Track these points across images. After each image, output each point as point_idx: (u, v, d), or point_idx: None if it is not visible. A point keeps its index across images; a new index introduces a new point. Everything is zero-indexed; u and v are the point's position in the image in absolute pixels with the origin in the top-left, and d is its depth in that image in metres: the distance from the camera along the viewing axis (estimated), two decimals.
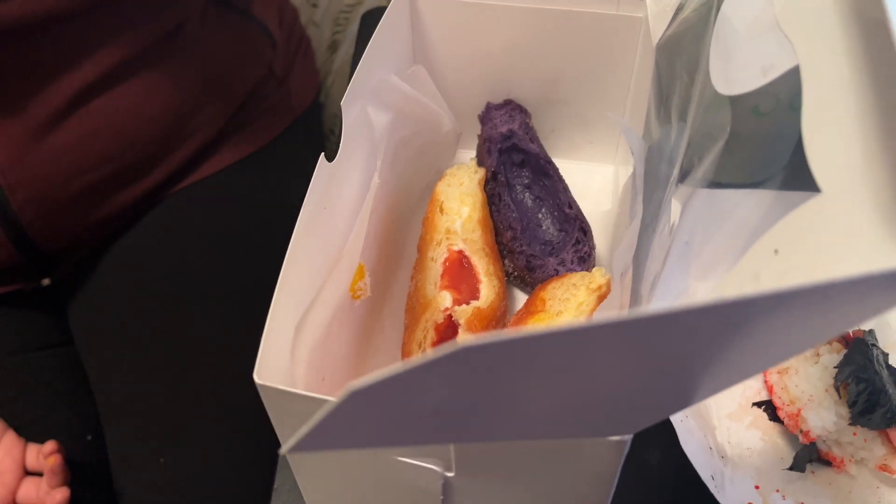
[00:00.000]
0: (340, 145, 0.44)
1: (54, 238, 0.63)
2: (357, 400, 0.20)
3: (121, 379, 0.63)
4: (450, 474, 0.35)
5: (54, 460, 0.54)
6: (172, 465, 0.58)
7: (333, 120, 1.00)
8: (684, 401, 0.27)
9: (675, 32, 0.44)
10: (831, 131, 0.25)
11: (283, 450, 0.23)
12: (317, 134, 0.86)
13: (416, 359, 0.18)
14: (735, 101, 0.52)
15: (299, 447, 0.23)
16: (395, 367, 0.19)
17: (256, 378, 0.32)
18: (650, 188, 0.48)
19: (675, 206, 0.42)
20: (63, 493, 0.53)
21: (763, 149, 0.57)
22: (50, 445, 0.55)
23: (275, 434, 0.50)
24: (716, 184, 0.51)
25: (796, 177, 0.55)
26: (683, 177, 0.41)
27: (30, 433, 0.59)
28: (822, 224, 0.24)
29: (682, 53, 0.43)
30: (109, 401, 0.63)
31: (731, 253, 0.53)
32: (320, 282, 0.39)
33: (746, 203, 0.48)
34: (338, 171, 0.43)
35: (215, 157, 0.70)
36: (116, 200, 0.65)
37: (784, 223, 0.26)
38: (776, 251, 0.26)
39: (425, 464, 0.35)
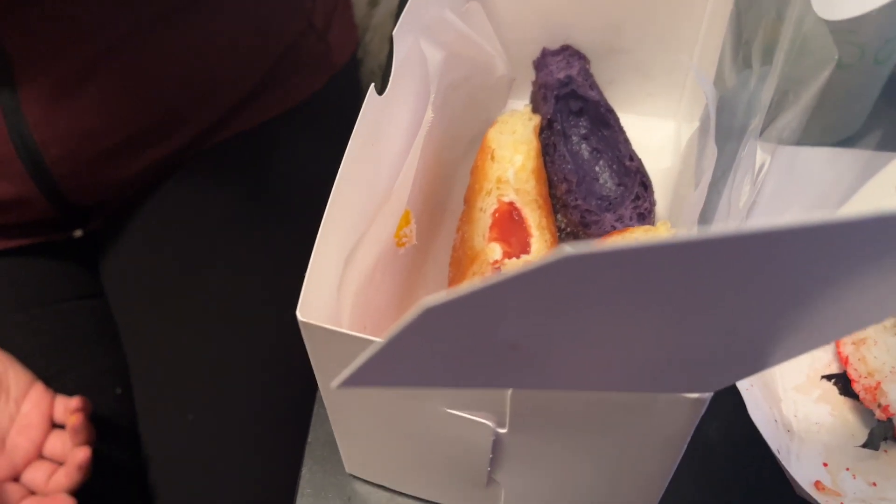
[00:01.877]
0: (391, 79, 0.41)
1: (86, 193, 0.63)
2: (431, 320, 0.17)
3: (150, 333, 0.63)
4: (502, 430, 0.33)
5: (77, 419, 0.53)
6: (199, 421, 0.57)
7: (371, 76, 0.98)
8: (765, 358, 0.24)
9: None
10: None
11: (336, 382, 0.20)
12: (356, 90, 0.84)
13: (509, 270, 0.15)
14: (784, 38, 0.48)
15: (356, 379, 0.20)
16: (479, 280, 0.16)
17: (300, 315, 0.30)
18: (722, 140, 0.44)
19: (759, 157, 0.38)
20: (84, 452, 0.52)
21: (845, 104, 0.52)
22: (75, 402, 0.54)
23: (308, 390, 0.48)
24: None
25: (871, 141, 0.51)
26: (768, 125, 0.38)
27: (59, 385, 0.58)
28: None
29: None
30: (138, 355, 0.63)
31: (800, 207, 0.49)
32: (366, 221, 0.36)
33: (838, 164, 0.44)
34: (388, 106, 0.40)
35: (251, 112, 0.69)
36: (148, 155, 0.64)
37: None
38: None
39: (477, 418, 0.32)
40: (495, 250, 0.46)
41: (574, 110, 0.52)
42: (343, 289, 0.33)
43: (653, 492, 0.35)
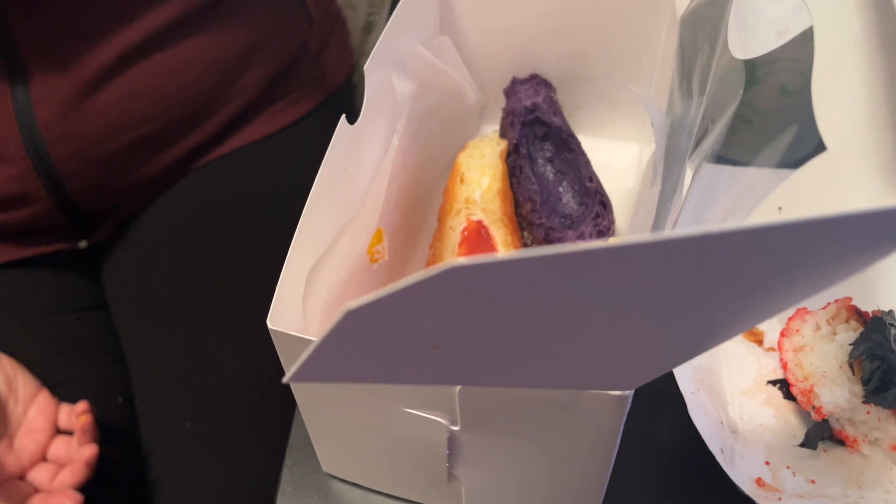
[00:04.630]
0: (362, 110, 0.45)
1: (92, 196, 0.65)
2: (354, 321, 0.20)
3: (152, 343, 0.65)
4: (455, 428, 0.36)
5: (85, 419, 0.55)
6: (197, 430, 0.59)
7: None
8: (686, 353, 0.27)
9: (698, 4, 0.44)
10: (839, 90, 0.25)
11: (286, 378, 0.24)
12: (349, 113, 0.88)
13: (410, 277, 0.19)
14: (761, 78, 0.52)
15: (300, 375, 0.23)
16: (389, 286, 0.19)
17: (270, 324, 0.33)
18: (670, 163, 0.48)
19: (687, 176, 0.42)
20: (91, 449, 0.54)
21: (791, 129, 0.56)
22: (82, 405, 0.56)
23: (289, 396, 0.51)
24: (732, 161, 0.51)
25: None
26: (696, 147, 0.42)
27: (63, 393, 0.60)
28: (825, 181, 0.24)
29: (704, 25, 0.43)
30: (140, 364, 0.65)
31: (734, 217, 0.52)
32: (335, 236, 0.40)
33: (750, 171, 0.48)
34: (358, 134, 0.44)
35: (249, 128, 0.72)
36: (152, 163, 0.67)
37: (788, 181, 0.26)
38: (780, 208, 0.26)
39: (432, 416, 0.35)
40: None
41: (539, 135, 0.55)
42: (308, 299, 0.37)
43: (596, 485, 0.38)
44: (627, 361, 0.28)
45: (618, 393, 0.31)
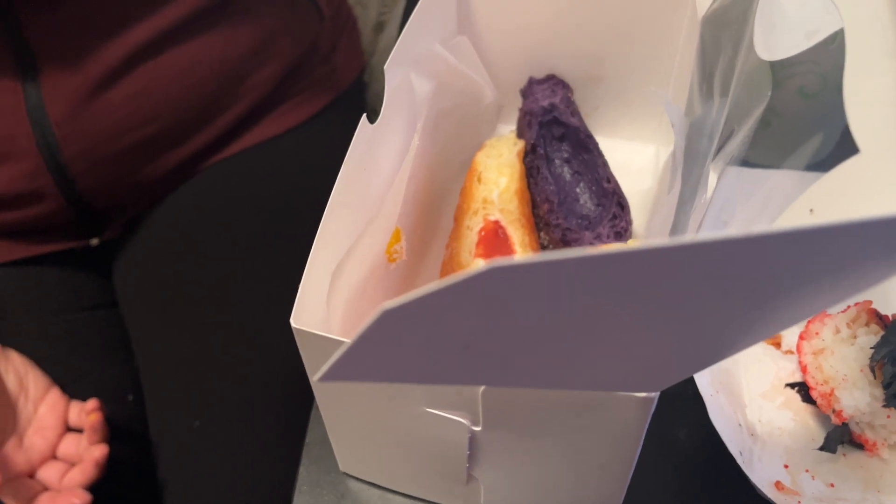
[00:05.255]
0: (382, 109, 0.45)
1: (102, 193, 0.65)
2: (390, 321, 0.20)
3: (161, 341, 0.65)
4: (476, 428, 0.36)
5: (95, 417, 0.55)
6: (208, 428, 0.59)
7: (376, 100, 1.01)
8: (713, 356, 0.27)
9: (721, 5, 0.43)
10: (871, 90, 0.25)
11: (315, 378, 0.24)
12: (359, 113, 0.87)
13: (449, 278, 0.19)
14: (780, 81, 0.52)
15: (330, 375, 0.23)
16: (427, 286, 0.19)
17: (293, 323, 0.33)
18: (689, 164, 0.48)
19: (711, 179, 0.42)
20: (102, 449, 0.54)
21: (812, 131, 0.56)
22: (92, 403, 0.56)
23: (306, 395, 0.51)
24: (753, 164, 0.50)
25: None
26: (719, 150, 0.41)
27: (73, 391, 0.60)
28: (859, 182, 0.24)
29: (727, 26, 0.43)
30: (150, 362, 0.65)
31: (761, 220, 0.52)
32: (356, 236, 0.40)
33: (778, 173, 0.48)
34: (378, 134, 0.44)
35: (258, 128, 0.72)
36: (161, 161, 0.67)
37: (820, 183, 0.26)
38: (811, 210, 0.26)
39: (453, 416, 0.35)
40: (480, 265, 0.49)
41: (556, 136, 0.55)
42: (332, 299, 0.37)
43: (617, 487, 0.38)
44: (654, 364, 0.28)
45: (643, 395, 0.31)
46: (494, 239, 0.52)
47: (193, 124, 0.67)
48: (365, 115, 0.42)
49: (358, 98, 0.87)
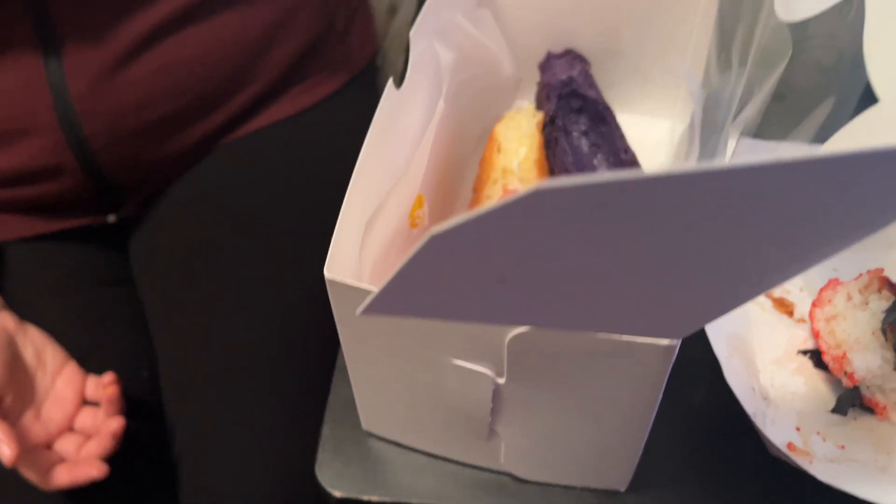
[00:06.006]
0: (407, 74, 0.46)
1: (121, 168, 0.66)
2: (436, 246, 0.21)
3: (177, 319, 0.65)
4: (501, 380, 0.37)
5: (112, 390, 0.56)
6: (221, 405, 0.60)
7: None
8: (732, 299, 0.28)
9: None
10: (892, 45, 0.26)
11: (360, 310, 0.25)
12: (372, 94, 0.85)
13: (494, 202, 0.20)
14: (795, 55, 0.52)
15: (374, 307, 0.24)
16: (473, 210, 0.20)
17: (327, 273, 0.34)
18: (706, 135, 0.49)
19: (729, 145, 0.43)
20: (118, 421, 0.55)
21: (826, 106, 0.57)
22: (109, 376, 0.57)
23: (328, 354, 0.52)
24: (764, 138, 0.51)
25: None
26: (736, 116, 0.42)
27: (90, 365, 0.61)
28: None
29: None
30: (165, 340, 0.66)
31: None
32: (385, 192, 0.41)
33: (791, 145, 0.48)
34: (404, 98, 0.45)
35: (275, 106, 0.72)
36: (180, 138, 0.67)
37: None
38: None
39: (479, 368, 0.37)
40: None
41: (574, 108, 0.56)
42: (363, 252, 0.38)
43: (636, 439, 0.39)
44: (678, 308, 0.29)
45: (665, 342, 0.32)
46: None
47: (212, 101, 0.68)
48: (391, 79, 0.43)
49: (371, 81, 0.87)
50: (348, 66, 0.79)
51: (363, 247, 0.37)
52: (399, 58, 1.04)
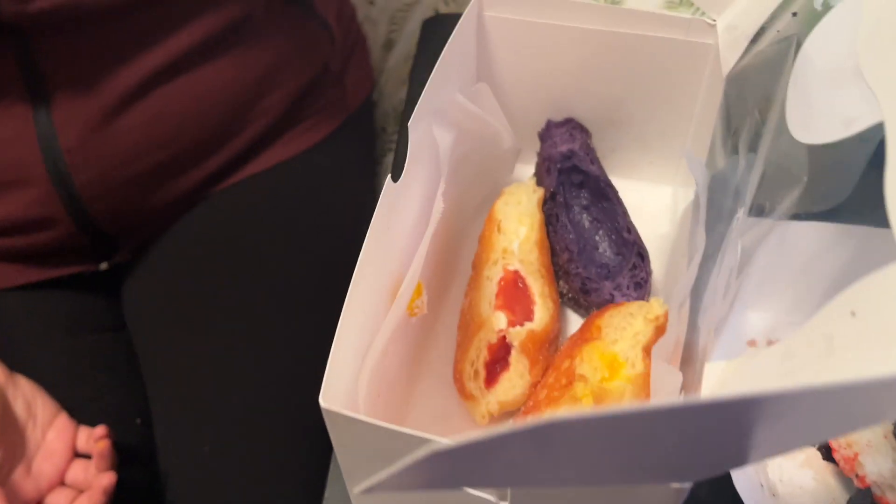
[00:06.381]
0: (405, 166, 0.44)
1: (113, 218, 0.65)
2: (436, 458, 0.20)
3: (170, 365, 0.64)
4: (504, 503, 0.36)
5: (104, 445, 0.55)
6: (215, 454, 0.59)
7: (385, 118, 1.00)
8: (742, 461, 0.27)
9: (748, 65, 0.43)
10: None
11: (356, 490, 0.24)
12: (369, 132, 0.87)
13: (499, 428, 0.19)
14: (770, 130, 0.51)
15: (372, 491, 0.23)
16: (476, 434, 0.19)
17: (322, 402, 0.33)
18: (712, 219, 0.47)
19: (738, 242, 0.42)
20: (110, 477, 0.54)
21: (831, 176, 0.56)
22: (100, 430, 0.56)
23: (327, 435, 0.51)
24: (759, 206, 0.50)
25: (858, 211, 0.54)
26: (759, 212, 0.41)
27: (81, 415, 0.60)
28: None
29: (754, 88, 0.42)
30: (158, 386, 0.65)
31: (784, 281, 0.52)
32: (383, 307, 0.40)
33: (802, 233, 0.48)
34: (402, 192, 0.43)
35: (269, 152, 0.71)
36: (173, 186, 0.66)
37: (863, 284, 0.25)
38: (853, 313, 0.25)
39: (482, 494, 0.35)
40: (500, 319, 0.49)
41: (576, 182, 0.55)
42: (361, 376, 0.37)
43: None
44: (686, 462, 0.28)
45: (676, 485, 0.31)
46: (514, 289, 0.51)
47: (206, 149, 0.67)
48: (389, 176, 0.42)
49: (368, 118, 0.87)
50: (344, 107, 0.78)
51: (361, 373, 0.36)
52: (396, 93, 1.03)
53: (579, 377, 0.43)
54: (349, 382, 0.35)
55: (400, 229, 0.43)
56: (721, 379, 0.34)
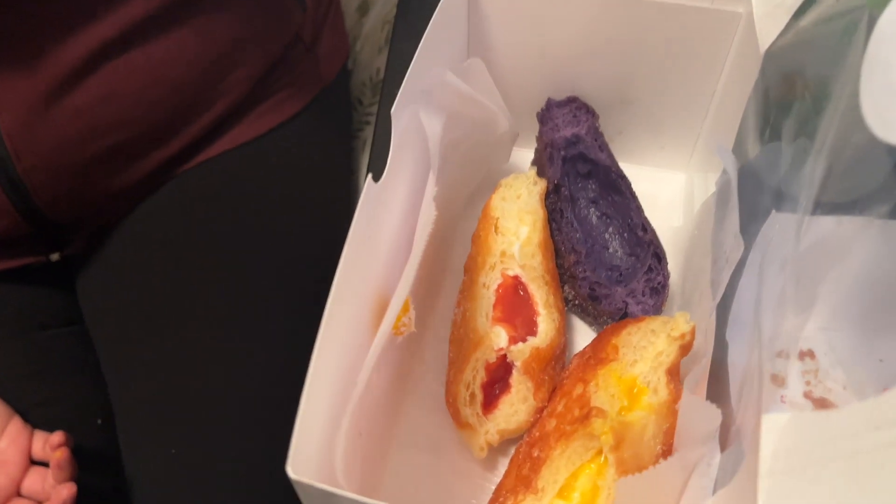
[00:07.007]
0: (388, 162, 0.37)
1: (63, 207, 0.61)
2: None
3: (132, 362, 0.61)
4: None
5: (61, 454, 0.51)
6: (183, 457, 0.56)
7: (361, 89, 0.95)
8: None
9: (797, 40, 0.37)
10: None
11: None
12: (344, 105, 0.83)
13: None
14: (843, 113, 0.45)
15: None
16: None
17: (291, 473, 0.27)
18: (746, 217, 0.41)
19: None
20: (69, 488, 0.50)
21: (864, 162, 0.50)
22: (57, 437, 0.52)
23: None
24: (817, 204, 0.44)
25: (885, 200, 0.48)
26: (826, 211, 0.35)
27: (37, 417, 0.57)
28: None
29: (805, 67, 0.36)
30: (120, 385, 0.61)
31: (813, 282, 0.46)
32: (364, 336, 0.33)
33: (829, 228, 0.42)
34: (385, 194, 0.37)
35: (238, 129, 0.67)
36: (131, 170, 0.62)
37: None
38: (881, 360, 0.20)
39: None
40: (500, 335, 0.43)
41: (582, 172, 0.48)
42: (340, 429, 0.30)
43: None
44: None
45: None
46: (514, 298, 0.45)
47: (166, 129, 0.62)
48: (370, 176, 0.35)
49: (343, 90, 0.82)
50: (317, 79, 0.74)
51: (335, 443, 0.29)
52: (373, 61, 0.97)
53: (596, 412, 0.36)
54: (322, 448, 0.29)
55: (383, 239, 0.37)
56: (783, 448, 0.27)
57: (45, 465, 0.54)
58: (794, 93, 0.36)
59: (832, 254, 0.43)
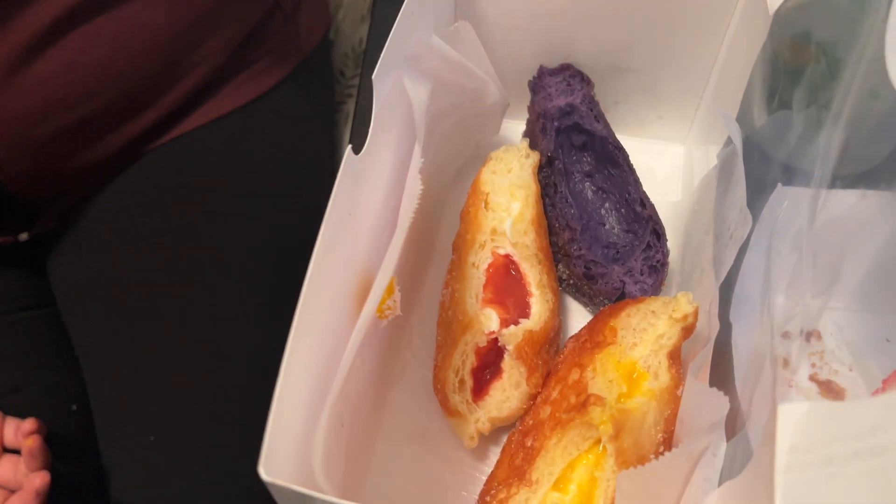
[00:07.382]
0: (370, 131, 0.35)
1: (30, 184, 0.59)
2: None
3: (107, 347, 0.59)
4: None
5: (33, 441, 0.50)
6: (162, 443, 0.55)
7: (343, 60, 0.93)
8: None
9: (806, 3, 0.34)
10: None
11: None
12: (326, 77, 0.81)
13: None
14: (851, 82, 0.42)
15: None
16: None
17: (263, 474, 0.24)
18: (752, 190, 0.39)
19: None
20: (42, 477, 0.49)
21: (875, 134, 0.47)
22: (29, 424, 0.50)
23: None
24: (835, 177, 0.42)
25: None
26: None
27: (8, 404, 0.55)
28: None
29: (819, 29, 0.33)
30: (95, 370, 0.59)
31: (816, 259, 0.44)
32: (345, 321, 0.30)
33: (837, 203, 0.39)
34: (367, 166, 0.34)
35: (213, 102, 0.65)
36: (100, 145, 0.60)
37: None
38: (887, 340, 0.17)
39: None
40: (491, 318, 0.41)
41: (577, 144, 0.46)
42: (320, 422, 0.28)
43: None
44: None
45: None
46: (505, 278, 0.42)
47: (137, 101, 0.60)
48: (350, 147, 0.32)
49: (324, 61, 0.80)
50: (297, 49, 0.71)
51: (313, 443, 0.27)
52: (355, 31, 0.94)
53: (594, 399, 0.34)
54: (298, 447, 0.26)
55: (365, 216, 0.34)
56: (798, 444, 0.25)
57: (17, 452, 0.52)
58: (806, 57, 0.34)
59: (854, 231, 0.41)
